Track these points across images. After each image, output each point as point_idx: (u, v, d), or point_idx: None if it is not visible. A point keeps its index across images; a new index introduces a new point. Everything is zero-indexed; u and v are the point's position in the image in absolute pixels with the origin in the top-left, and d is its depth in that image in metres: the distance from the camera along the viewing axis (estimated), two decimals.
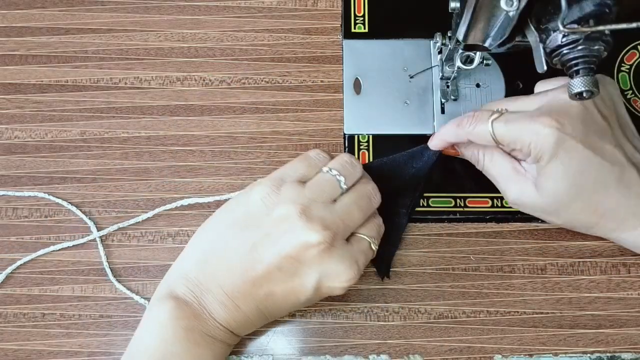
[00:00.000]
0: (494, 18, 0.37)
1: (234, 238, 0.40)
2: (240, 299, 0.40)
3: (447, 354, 0.46)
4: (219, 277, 0.40)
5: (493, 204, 0.48)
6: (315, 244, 0.38)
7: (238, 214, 0.41)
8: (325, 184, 0.40)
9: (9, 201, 0.49)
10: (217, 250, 0.40)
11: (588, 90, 0.36)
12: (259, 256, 0.39)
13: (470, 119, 0.43)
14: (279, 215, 0.39)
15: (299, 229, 0.38)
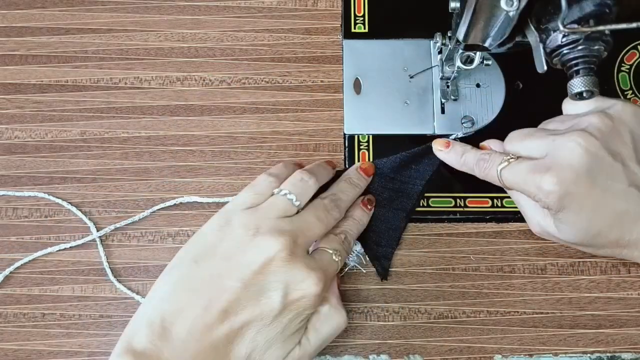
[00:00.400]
0: (494, 18, 0.37)
1: (194, 274, 0.38)
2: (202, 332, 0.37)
3: (447, 354, 0.46)
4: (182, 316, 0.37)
5: (493, 204, 0.48)
6: (276, 252, 0.38)
7: (195, 252, 0.39)
8: (276, 203, 0.40)
9: (9, 201, 0.49)
10: (177, 291, 0.38)
11: (588, 90, 0.36)
12: (223, 284, 0.38)
13: (485, 163, 0.44)
14: (234, 241, 0.39)
15: (257, 245, 0.38)
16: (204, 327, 0.37)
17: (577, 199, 0.39)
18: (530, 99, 0.50)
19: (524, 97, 0.50)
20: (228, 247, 0.39)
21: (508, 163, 0.42)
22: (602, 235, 0.41)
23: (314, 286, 0.38)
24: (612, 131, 0.40)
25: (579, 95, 0.36)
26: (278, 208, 0.40)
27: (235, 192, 0.49)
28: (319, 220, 0.41)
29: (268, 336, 0.38)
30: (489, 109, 0.50)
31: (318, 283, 0.38)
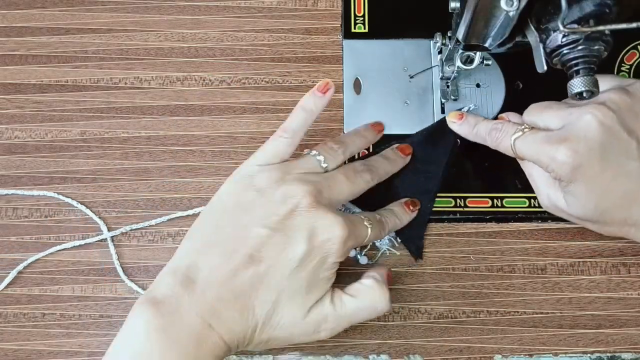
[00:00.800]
0: (494, 18, 0.37)
1: (220, 224, 0.39)
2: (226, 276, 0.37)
3: (447, 354, 0.46)
4: (206, 261, 0.38)
5: (493, 204, 0.48)
6: (302, 198, 0.38)
7: (221, 204, 0.40)
8: (304, 161, 0.42)
9: (9, 201, 0.49)
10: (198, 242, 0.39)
11: (588, 90, 0.36)
12: (249, 232, 0.38)
13: (498, 133, 0.44)
14: (260, 188, 0.39)
15: (283, 193, 0.39)
16: (228, 272, 0.37)
17: (589, 172, 0.39)
18: (530, 99, 0.50)
19: (524, 97, 0.50)
20: (252, 199, 0.39)
21: (522, 133, 0.42)
22: (610, 211, 0.41)
23: (340, 230, 0.38)
24: (629, 108, 0.40)
25: (579, 95, 0.36)
26: (305, 165, 0.41)
27: None
28: (347, 178, 0.42)
29: (294, 282, 0.38)
30: (489, 109, 0.50)
31: (344, 228, 0.38)
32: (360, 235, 0.41)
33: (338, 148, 0.43)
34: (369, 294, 0.40)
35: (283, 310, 0.38)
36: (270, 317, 0.38)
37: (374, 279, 0.41)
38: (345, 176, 0.42)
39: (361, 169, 0.43)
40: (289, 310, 0.38)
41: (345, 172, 0.42)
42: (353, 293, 0.40)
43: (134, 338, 0.36)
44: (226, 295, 0.37)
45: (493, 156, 0.48)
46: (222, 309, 0.36)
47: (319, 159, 0.42)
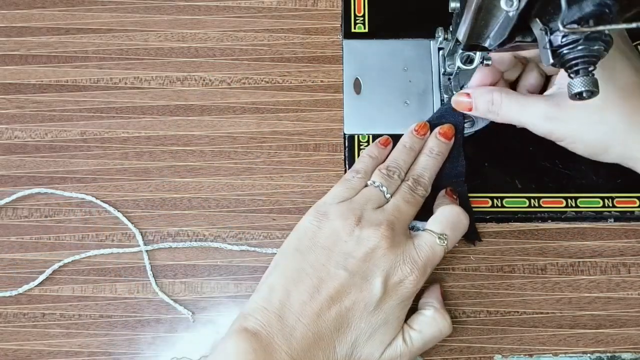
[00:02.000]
0: (494, 18, 0.37)
1: (301, 263, 0.41)
2: (311, 318, 0.39)
3: (447, 354, 0.46)
4: (291, 301, 0.39)
5: (493, 204, 0.48)
6: (378, 242, 0.40)
7: (296, 243, 0.42)
8: (369, 194, 0.44)
9: (9, 201, 0.49)
10: (286, 278, 0.41)
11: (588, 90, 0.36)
12: (329, 271, 0.40)
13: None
14: (333, 231, 0.41)
15: (359, 235, 0.41)
16: (313, 313, 0.39)
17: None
18: None
19: None
20: (328, 236, 0.41)
21: None
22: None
23: (412, 271, 0.40)
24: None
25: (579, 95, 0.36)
26: (373, 199, 0.43)
27: (235, 191, 0.49)
28: (408, 203, 0.44)
29: (371, 323, 0.40)
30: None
31: (414, 267, 0.41)
32: (435, 262, 0.42)
33: (393, 173, 0.45)
34: (433, 325, 0.42)
35: (362, 351, 0.40)
36: (350, 357, 0.40)
37: (434, 308, 0.43)
38: (406, 201, 0.44)
39: (414, 187, 0.44)
40: (367, 351, 0.40)
41: (403, 196, 0.44)
42: (419, 328, 0.42)
43: None
44: (312, 335, 0.39)
45: (493, 156, 0.48)
46: (308, 349, 0.38)
47: (382, 190, 0.44)
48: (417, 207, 0.44)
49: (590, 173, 0.49)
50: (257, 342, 0.38)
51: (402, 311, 0.41)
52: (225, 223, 0.49)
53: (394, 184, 0.45)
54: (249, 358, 0.37)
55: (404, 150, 0.47)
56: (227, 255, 0.48)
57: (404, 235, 0.42)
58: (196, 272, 0.47)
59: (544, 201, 0.48)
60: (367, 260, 0.40)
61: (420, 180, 0.45)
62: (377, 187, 0.44)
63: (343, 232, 0.41)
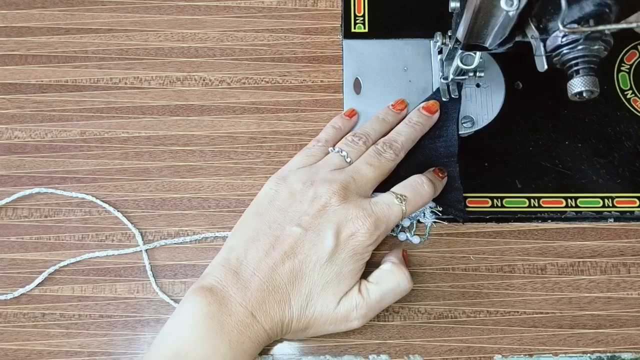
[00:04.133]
0: (494, 18, 0.37)
1: (259, 224, 0.42)
2: (266, 272, 0.40)
3: (447, 354, 0.46)
4: (247, 258, 0.41)
5: (493, 204, 0.48)
6: (329, 197, 0.42)
7: (256, 207, 0.44)
8: (329, 159, 0.45)
9: (9, 201, 0.49)
10: (244, 239, 0.42)
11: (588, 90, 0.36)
12: (278, 228, 0.42)
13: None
14: (292, 192, 0.43)
15: (312, 192, 0.42)
16: (268, 268, 0.41)
17: None
18: (530, 99, 0.50)
19: (524, 97, 0.50)
20: (286, 198, 0.43)
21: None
22: None
23: (362, 223, 0.41)
24: None
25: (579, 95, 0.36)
26: (331, 163, 0.45)
27: (235, 191, 0.49)
28: (370, 165, 0.44)
29: (324, 275, 0.41)
30: (489, 109, 0.50)
31: (366, 220, 0.41)
32: (391, 219, 0.42)
33: (359, 140, 0.46)
34: (390, 277, 0.43)
35: (316, 303, 0.41)
36: (305, 309, 0.41)
37: (391, 262, 0.44)
38: (368, 163, 0.44)
39: (383, 149, 0.45)
40: (321, 302, 0.41)
41: (367, 159, 0.44)
42: (375, 280, 0.43)
43: (183, 321, 0.39)
44: (267, 288, 0.40)
45: (493, 156, 0.48)
46: (263, 301, 0.40)
47: (342, 155, 0.45)
48: (382, 171, 0.44)
49: (590, 173, 0.49)
50: (212, 296, 0.39)
51: (356, 264, 0.42)
52: (225, 223, 0.49)
53: (358, 150, 0.45)
54: (203, 311, 0.39)
55: (376, 120, 0.48)
56: None
57: (360, 195, 0.43)
58: (196, 272, 0.47)
59: (544, 201, 0.48)
60: (319, 216, 0.41)
61: (393, 144, 0.45)
62: (337, 153, 0.45)
63: (299, 193, 0.43)
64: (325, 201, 0.42)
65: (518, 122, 0.50)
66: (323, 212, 0.42)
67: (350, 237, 0.41)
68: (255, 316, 0.40)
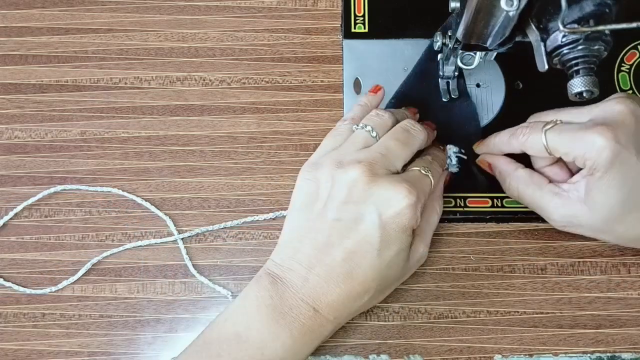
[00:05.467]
0: (494, 18, 0.37)
1: (300, 222, 0.42)
2: (318, 267, 0.40)
3: (447, 354, 0.46)
4: (298, 257, 0.41)
5: (493, 204, 0.48)
6: (356, 178, 0.40)
7: (294, 203, 0.43)
8: (355, 138, 0.43)
9: (9, 201, 0.49)
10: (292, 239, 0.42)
11: (588, 90, 0.36)
12: (320, 221, 0.41)
13: (524, 129, 0.43)
14: (322, 179, 0.42)
15: (340, 177, 0.40)
16: (318, 262, 0.40)
17: (624, 161, 0.39)
18: (530, 99, 0.50)
19: (524, 97, 0.50)
20: (318, 187, 0.42)
21: (554, 124, 0.42)
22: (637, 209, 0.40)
23: (405, 198, 0.39)
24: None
25: (579, 95, 0.36)
26: (358, 141, 0.43)
27: (235, 191, 0.49)
28: (398, 141, 0.42)
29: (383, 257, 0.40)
30: (489, 109, 0.50)
31: (408, 194, 0.39)
32: (426, 189, 0.42)
33: (384, 113, 0.44)
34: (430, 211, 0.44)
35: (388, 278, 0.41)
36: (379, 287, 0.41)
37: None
38: (396, 139, 0.42)
39: (412, 125, 0.44)
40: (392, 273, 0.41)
41: (395, 134, 0.43)
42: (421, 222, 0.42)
43: (247, 307, 0.40)
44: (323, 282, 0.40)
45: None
46: (325, 295, 0.40)
47: (367, 130, 0.43)
48: (412, 148, 0.43)
49: None
50: (274, 289, 0.40)
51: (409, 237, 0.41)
52: (225, 223, 0.49)
53: (383, 124, 0.44)
54: (266, 302, 0.39)
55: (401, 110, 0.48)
56: (227, 255, 0.48)
57: (386, 172, 0.41)
58: (197, 272, 0.47)
59: None
60: (350, 199, 0.40)
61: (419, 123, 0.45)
62: (362, 129, 0.43)
63: (329, 178, 0.41)
64: (355, 181, 0.40)
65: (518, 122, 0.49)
66: (356, 194, 0.40)
67: (395, 216, 0.39)
68: (318, 310, 0.40)
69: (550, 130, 0.41)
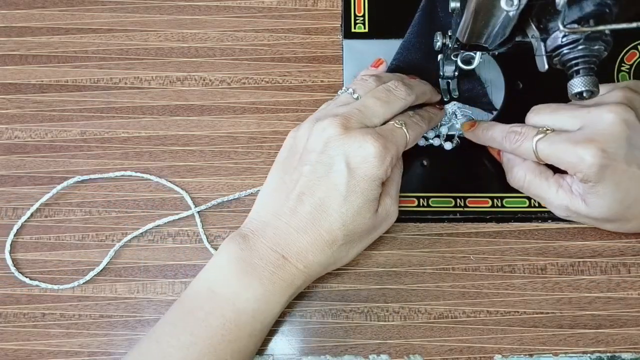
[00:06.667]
0: (494, 18, 0.37)
1: (279, 174, 0.43)
2: (289, 216, 0.41)
3: (447, 354, 0.46)
4: (271, 207, 0.42)
5: (493, 204, 0.48)
6: (332, 130, 0.40)
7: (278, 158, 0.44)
8: (337, 99, 0.44)
9: (9, 201, 0.49)
10: (269, 190, 0.43)
11: (588, 90, 0.36)
12: (297, 172, 0.42)
13: (517, 135, 0.44)
14: (300, 134, 0.43)
15: (315, 130, 0.41)
16: (289, 210, 0.41)
17: (617, 170, 0.40)
18: (530, 99, 0.50)
19: (524, 97, 0.50)
20: (298, 142, 0.43)
21: (545, 134, 0.42)
22: (634, 206, 0.42)
23: (371, 147, 0.40)
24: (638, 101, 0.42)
25: (579, 95, 0.36)
26: (338, 101, 0.44)
27: (235, 191, 0.49)
28: (378, 99, 0.43)
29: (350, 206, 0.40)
30: None
31: (375, 143, 0.40)
32: (398, 142, 0.42)
33: (369, 77, 0.45)
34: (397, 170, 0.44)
35: (353, 226, 0.41)
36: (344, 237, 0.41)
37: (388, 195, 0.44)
38: (375, 97, 0.43)
39: (394, 86, 0.44)
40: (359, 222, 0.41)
41: (374, 93, 0.43)
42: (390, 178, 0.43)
43: (217, 264, 0.42)
44: (295, 230, 0.41)
45: (493, 156, 0.48)
46: (293, 242, 0.41)
47: (349, 92, 0.44)
48: (392, 109, 0.43)
49: None
50: (244, 242, 0.41)
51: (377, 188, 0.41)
52: (225, 223, 0.49)
53: (367, 87, 0.44)
54: (237, 255, 0.41)
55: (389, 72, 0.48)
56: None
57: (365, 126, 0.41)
58: (196, 272, 0.47)
59: None
60: (325, 150, 0.40)
61: (408, 82, 0.45)
62: (345, 92, 0.44)
63: (305, 132, 0.42)
64: (329, 134, 0.41)
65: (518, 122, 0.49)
66: (329, 145, 0.40)
67: (362, 163, 0.40)
68: (287, 258, 0.41)
69: (541, 140, 0.42)
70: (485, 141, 0.47)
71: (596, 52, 0.35)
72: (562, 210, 0.45)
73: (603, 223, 0.45)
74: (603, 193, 0.41)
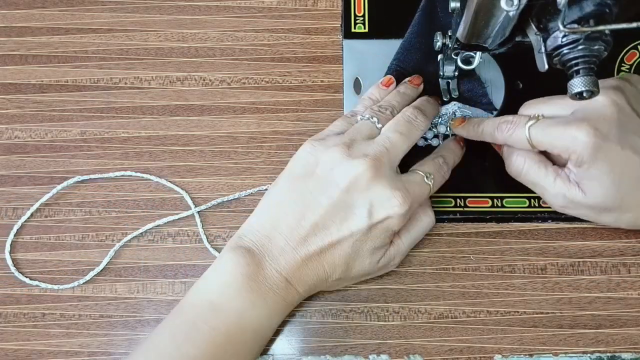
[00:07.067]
0: (494, 18, 0.37)
1: (291, 190, 0.42)
2: (297, 242, 0.41)
3: (447, 354, 0.46)
4: (280, 225, 0.42)
5: (493, 204, 0.48)
6: (361, 172, 0.40)
7: (293, 171, 0.43)
8: (359, 126, 0.44)
9: (9, 201, 0.49)
10: (278, 203, 0.43)
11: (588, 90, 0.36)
12: (315, 200, 0.41)
13: (509, 124, 0.44)
14: (325, 160, 0.42)
15: (345, 164, 0.41)
16: (299, 238, 0.41)
17: (611, 150, 0.40)
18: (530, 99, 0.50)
19: (524, 97, 0.50)
20: (317, 165, 0.42)
21: (537, 120, 0.43)
22: (630, 194, 0.42)
23: (398, 207, 0.41)
24: (630, 91, 0.42)
25: (579, 95, 0.36)
26: (363, 130, 0.44)
27: (235, 191, 0.49)
28: (401, 134, 0.43)
29: (359, 250, 0.42)
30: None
31: (403, 204, 0.41)
32: (421, 196, 0.43)
33: (386, 109, 0.45)
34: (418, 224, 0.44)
35: (354, 268, 0.42)
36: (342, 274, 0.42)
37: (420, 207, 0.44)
38: (399, 132, 0.43)
39: (414, 116, 0.44)
40: (359, 266, 0.42)
41: (398, 128, 0.43)
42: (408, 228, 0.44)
43: (221, 276, 0.41)
44: (301, 259, 0.41)
45: (493, 156, 0.48)
46: (298, 269, 0.41)
47: (373, 121, 0.44)
48: (412, 141, 0.44)
49: None
50: (251, 258, 0.41)
51: (389, 238, 0.42)
52: (224, 223, 0.49)
53: (386, 118, 0.45)
54: (242, 270, 0.41)
55: (398, 94, 0.48)
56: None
57: (392, 169, 0.42)
58: (196, 272, 0.47)
59: (544, 201, 0.48)
60: (349, 190, 0.41)
61: (422, 109, 0.45)
62: (367, 120, 0.44)
63: (330, 161, 0.42)
64: (358, 172, 0.40)
65: None
66: (355, 186, 0.41)
67: (386, 219, 0.41)
68: (290, 282, 0.41)
69: (534, 126, 0.42)
70: (477, 136, 0.47)
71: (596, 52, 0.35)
72: (559, 199, 0.44)
73: (600, 214, 0.44)
74: (598, 175, 0.41)
